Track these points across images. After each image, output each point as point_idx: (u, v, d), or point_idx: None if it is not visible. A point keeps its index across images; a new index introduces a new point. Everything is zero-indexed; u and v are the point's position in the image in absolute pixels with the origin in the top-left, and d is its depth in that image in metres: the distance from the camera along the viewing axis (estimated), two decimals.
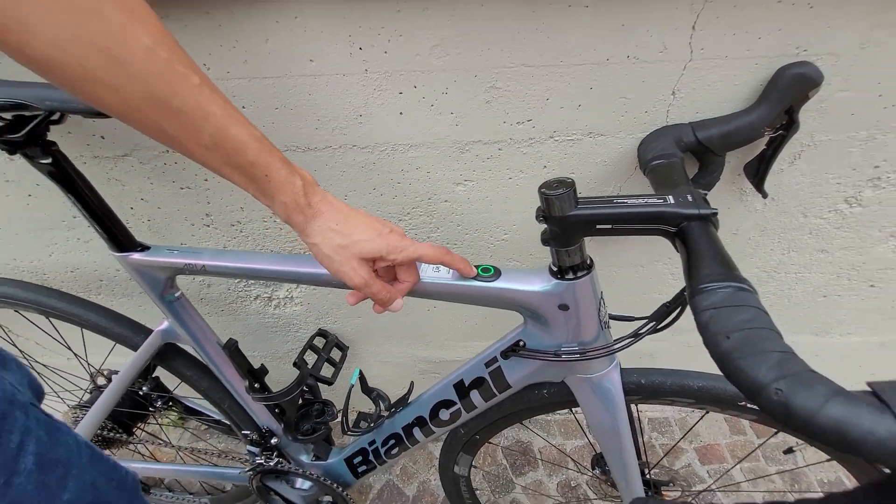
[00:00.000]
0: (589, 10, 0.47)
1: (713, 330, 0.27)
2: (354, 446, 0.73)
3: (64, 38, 0.26)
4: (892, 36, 0.49)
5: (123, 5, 0.27)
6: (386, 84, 0.53)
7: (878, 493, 0.25)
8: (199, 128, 0.31)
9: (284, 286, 0.80)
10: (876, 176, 0.63)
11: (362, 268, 0.39)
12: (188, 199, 0.65)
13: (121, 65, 0.27)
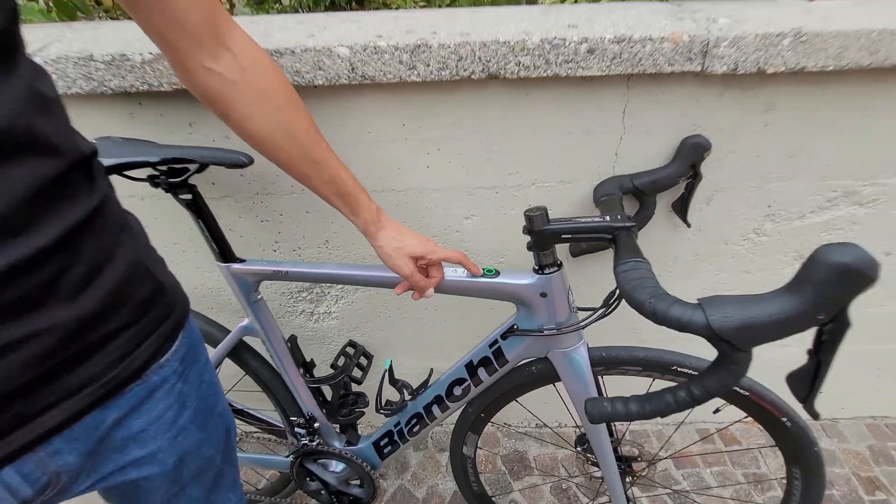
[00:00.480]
0: (555, 99, 0.72)
1: (622, 282, 0.48)
2: (381, 430, 0.89)
3: (266, 124, 0.49)
4: (756, 118, 0.74)
5: (296, 103, 0.50)
6: (419, 147, 0.77)
7: (714, 367, 0.45)
8: (323, 171, 0.53)
9: (325, 302, 1.00)
10: (771, 213, 0.86)
11: (410, 263, 0.60)
12: (264, 230, 0.86)
13: (293, 137, 0.50)
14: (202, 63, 0.45)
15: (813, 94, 0.72)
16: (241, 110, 0.48)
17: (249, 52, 0.47)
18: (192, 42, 0.43)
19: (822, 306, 0.38)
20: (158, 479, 0.48)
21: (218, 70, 0.45)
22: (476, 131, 0.75)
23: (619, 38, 0.64)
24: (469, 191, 0.81)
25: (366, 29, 0.68)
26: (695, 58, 0.65)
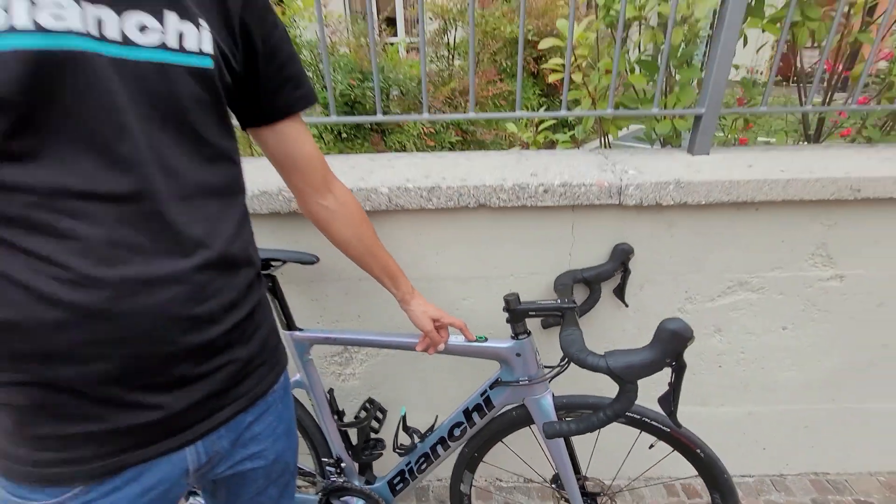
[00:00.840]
0: (524, 220, 1.05)
1: (562, 342, 0.77)
2: (394, 470, 1.10)
3: (349, 236, 0.79)
4: (664, 231, 1.07)
5: (366, 221, 0.81)
6: (430, 249, 1.08)
7: (617, 397, 0.71)
8: (379, 261, 0.83)
9: (351, 365, 1.25)
10: (689, 297, 1.16)
11: (430, 322, 0.88)
12: (313, 307, 1.15)
13: (363, 242, 0.80)
14: (317, 201, 0.76)
15: (698, 217, 1.06)
16: (336, 228, 0.79)
17: (342, 193, 0.78)
18: (313, 190, 0.75)
19: (667, 354, 0.66)
20: (259, 472, 0.72)
21: (325, 204, 0.77)
22: (470, 240, 1.07)
23: (564, 184, 0.99)
24: (464, 280, 1.12)
25: (398, 173, 1.02)
26: (614, 196, 1.00)
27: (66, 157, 0.44)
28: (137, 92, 0.47)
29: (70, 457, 0.53)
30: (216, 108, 0.55)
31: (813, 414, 1.36)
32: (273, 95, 0.63)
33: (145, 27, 0.46)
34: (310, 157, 0.72)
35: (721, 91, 1.04)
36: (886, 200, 1.03)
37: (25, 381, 0.49)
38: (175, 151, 0.50)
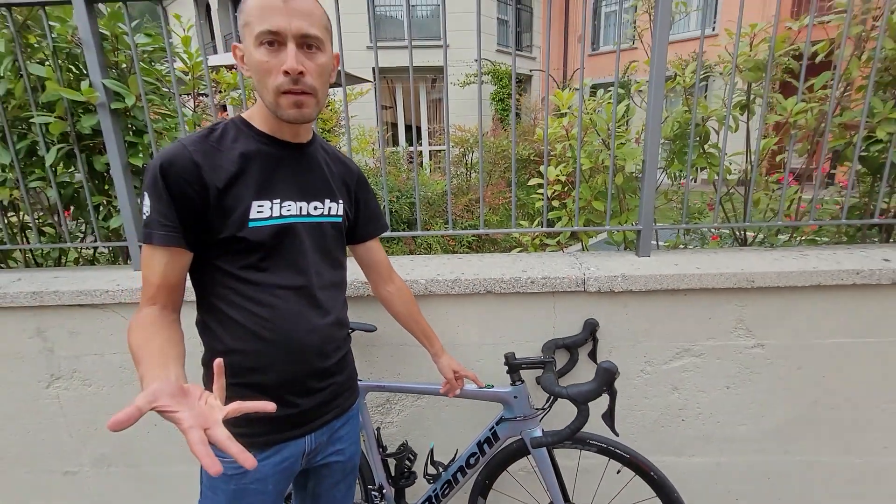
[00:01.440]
0: (520, 302, 1.49)
1: (542, 382, 1.16)
2: (423, 496, 1.42)
3: (403, 310, 1.23)
4: (621, 310, 1.49)
5: (413, 300, 1.27)
6: (454, 324, 1.51)
7: (577, 416, 1.09)
8: (420, 327, 1.24)
9: (391, 414, 1.62)
10: (647, 360, 1.54)
11: (452, 373, 1.28)
12: (367, 365, 1.56)
13: (411, 314, 1.23)
14: (384, 287, 1.22)
15: (643, 300, 1.48)
16: (395, 305, 1.23)
17: (400, 282, 1.24)
18: (382, 280, 1.22)
19: (604, 384, 1.05)
20: (338, 466, 1.10)
21: (389, 290, 1.23)
22: (481, 317, 1.50)
23: (545, 277, 1.44)
24: (478, 346, 1.53)
25: (431, 270, 1.50)
26: (580, 286, 1.44)
27: (279, 270, 0.92)
28: (310, 237, 0.96)
29: (250, 432, 0.94)
30: (340, 240, 1.04)
31: (772, 465, 1.63)
32: (364, 227, 1.13)
33: (317, 207, 0.97)
34: (382, 261, 1.20)
35: (651, 213, 1.52)
36: (779, 288, 1.44)
37: (238, 383, 0.93)
38: (321, 264, 0.99)
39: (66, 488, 1.74)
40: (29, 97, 1.46)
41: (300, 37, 0.82)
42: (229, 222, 0.85)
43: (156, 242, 0.83)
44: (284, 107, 0.85)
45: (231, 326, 0.90)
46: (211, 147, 0.86)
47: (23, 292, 1.49)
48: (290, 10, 0.80)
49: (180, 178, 0.81)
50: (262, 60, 0.82)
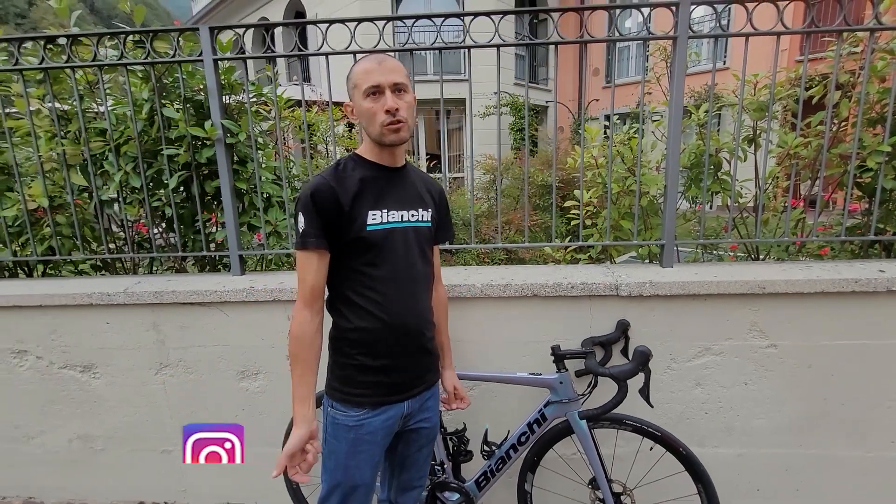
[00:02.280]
0: (562, 304, 1.74)
1: (587, 365, 1.40)
2: (479, 471, 1.64)
3: (439, 315, 1.51)
4: (648, 313, 1.73)
5: (446, 311, 1.53)
6: (504, 321, 1.77)
7: (617, 393, 1.32)
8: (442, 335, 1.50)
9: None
10: (673, 358, 1.76)
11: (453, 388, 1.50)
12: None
13: (440, 321, 1.51)
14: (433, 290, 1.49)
15: (668, 304, 1.71)
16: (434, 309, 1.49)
17: (442, 291, 1.49)
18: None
19: (639, 364, 1.29)
20: (424, 432, 1.35)
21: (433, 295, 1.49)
22: (529, 317, 1.76)
23: (583, 283, 1.70)
24: (524, 343, 1.78)
25: (485, 276, 1.77)
26: (613, 290, 1.69)
27: (388, 264, 1.20)
28: (412, 237, 1.25)
29: (364, 393, 1.20)
30: (430, 239, 1.33)
31: (788, 458, 1.81)
32: (437, 232, 1.41)
33: (413, 214, 1.26)
34: (438, 264, 1.47)
35: (672, 230, 1.78)
36: (788, 294, 1.66)
37: (360, 352, 1.20)
38: (417, 259, 1.27)
39: (161, 466, 2.00)
40: (161, 134, 1.81)
41: (392, 85, 1.14)
42: (355, 227, 1.15)
43: (310, 247, 1.13)
44: (387, 135, 1.16)
45: (356, 309, 1.18)
46: (340, 175, 1.17)
47: (146, 291, 1.81)
48: (384, 70, 1.14)
49: (324, 199, 1.12)
50: (370, 107, 1.14)
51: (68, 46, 1.75)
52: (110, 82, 1.98)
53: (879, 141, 1.68)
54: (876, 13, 1.59)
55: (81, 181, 1.90)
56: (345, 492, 1.21)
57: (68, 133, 1.93)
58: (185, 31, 1.75)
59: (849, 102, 1.74)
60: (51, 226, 1.92)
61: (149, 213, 1.89)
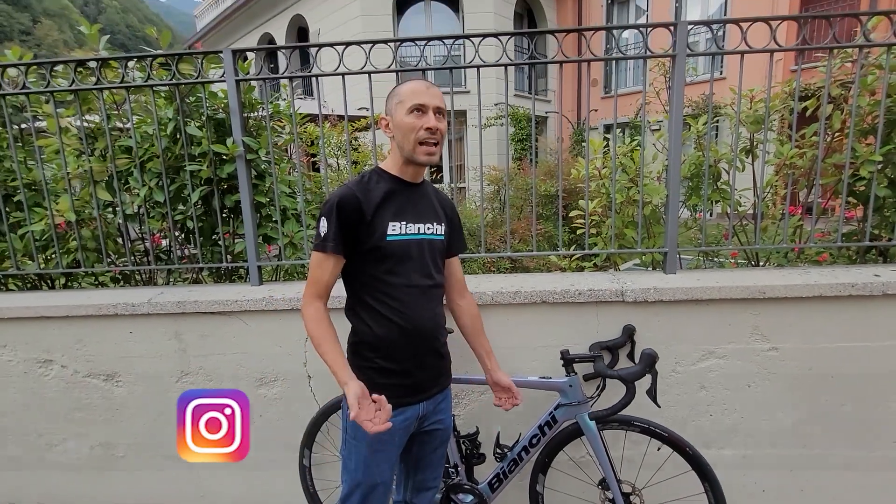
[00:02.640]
0: (570, 310, 1.80)
1: (596, 368, 1.47)
2: (491, 473, 1.69)
3: (468, 321, 1.58)
4: (652, 318, 1.79)
5: (479, 317, 1.60)
6: (514, 327, 1.83)
7: (625, 394, 1.38)
8: (482, 342, 1.58)
9: (457, 409, 1.91)
10: (677, 361, 1.82)
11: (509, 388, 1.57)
12: None
13: (475, 327, 1.58)
14: (456, 300, 1.56)
15: (672, 309, 1.78)
16: (462, 317, 1.55)
17: (470, 298, 1.58)
18: (456, 294, 1.55)
19: (647, 366, 1.36)
20: (440, 433, 1.41)
21: (459, 303, 1.56)
22: (538, 322, 1.82)
23: (590, 289, 1.76)
24: (534, 348, 1.84)
25: (496, 284, 1.84)
26: (619, 296, 1.76)
27: (406, 273, 1.28)
28: (427, 249, 1.32)
29: (383, 395, 1.26)
30: (443, 252, 1.40)
31: (793, 459, 1.86)
32: (451, 245, 1.48)
33: (429, 227, 1.34)
34: (459, 277, 1.54)
35: (675, 238, 1.85)
36: (787, 299, 1.73)
37: (379, 355, 1.27)
38: (431, 269, 1.34)
39: (179, 472, 2.05)
40: (185, 151, 1.90)
41: (436, 108, 1.23)
42: (375, 236, 1.23)
43: (328, 251, 1.21)
44: (420, 153, 1.24)
45: (375, 315, 1.25)
46: (364, 187, 1.25)
47: (169, 301, 1.88)
48: (431, 94, 1.25)
49: (349, 208, 1.20)
50: (412, 122, 1.23)
51: (98, 69, 1.84)
52: (135, 102, 2.08)
53: (871, 151, 1.76)
54: (864, 31, 1.68)
55: (107, 196, 1.98)
56: (365, 491, 1.27)
57: (95, 150, 2.02)
58: (210, 53, 1.84)
59: (841, 115, 1.82)
60: (77, 239, 2.00)
61: (171, 227, 1.97)
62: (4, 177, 2.06)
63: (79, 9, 74.37)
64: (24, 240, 2.05)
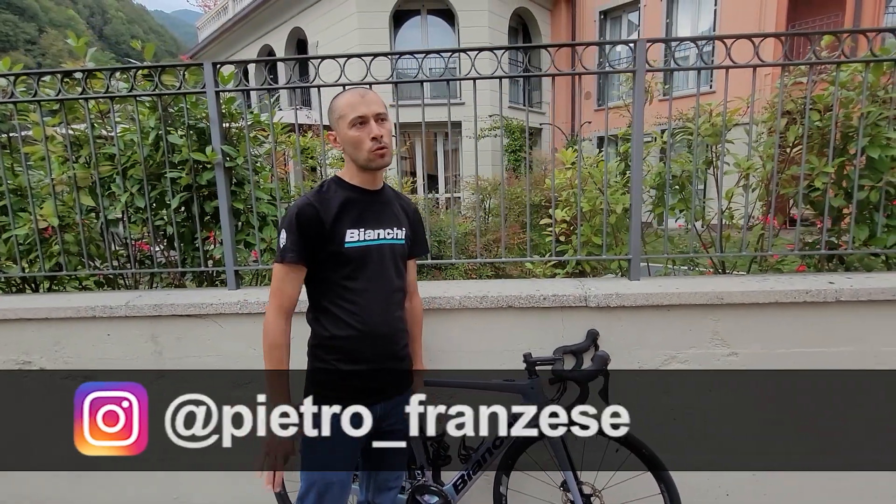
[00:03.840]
0: (537, 315, 1.85)
1: (556, 371, 1.51)
2: (456, 475, 1.73)
3: (412, 324, 1.63)
4: (615, 322, 1.84)
5: (420, 321, 1.65)
6: (481, 332, 1.88)
7: (579, 395, 1.42)
8: (415, 343, 1.63)
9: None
10: (640, 366, 1.86)
11: None
12: None
13: (413, 331, 1.63)
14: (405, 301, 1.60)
15: (634, 314, 1.83)
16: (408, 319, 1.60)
17: (417, 302, 1.61)
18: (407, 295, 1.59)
19: (599, 368, 1.40)
20: (399, 433, 1.45)
21: (407, 305, 1.57)
22: (504, 326, 1.87)
23: (554, 295, 1.82)
24: (500, 352, 1.88)
25: (464, 289, 1.89)
26: (582, 302, 1.81)
27: (365, 278, 1.33)
28: (388, 254, 1.38)
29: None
30: (404, 256, 1.45)
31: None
32: (413, 248, 1.53)
33: (389, 232, 1.40)
34: (414, 278, 1.59)
35: (638, 245, 1.91)
36: (745, 305, 1.78)
37: (337, 358, 1.31)
38: (395, 272, 1.39)
39: (155, 475, 2.08)
40: (166, 159, 1.96)
41: (375, 115, 1.29)
42: (334, 243, 1.28)
43: (288, 262, 1.27)
44: (374, 159, 1.30)
45: (334, 319, 1.30)
46: (323, 197, 1.31)
47: (146, 304, 1.93)
48: (367, 102, 1.30)
49: (307, 219, 1.26)
50: (356, 135, 1.29)
51: (83, 80, 1.92)
52: (120, 111, 2.15)
53: (825, 163, 1.83)
54: (814, 49, 1.76)
55: (90, 202, 2.05)
56: (320, 489, 1.31)
57: (79, 158, 2.08)
58: (191, 66, 1.92)
59: (796, 129, 1.89)
60: (59, 244, 2.06)
61: (151, 232, 2.03)
62: None
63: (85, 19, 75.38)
64: (9, 244, 2.10)
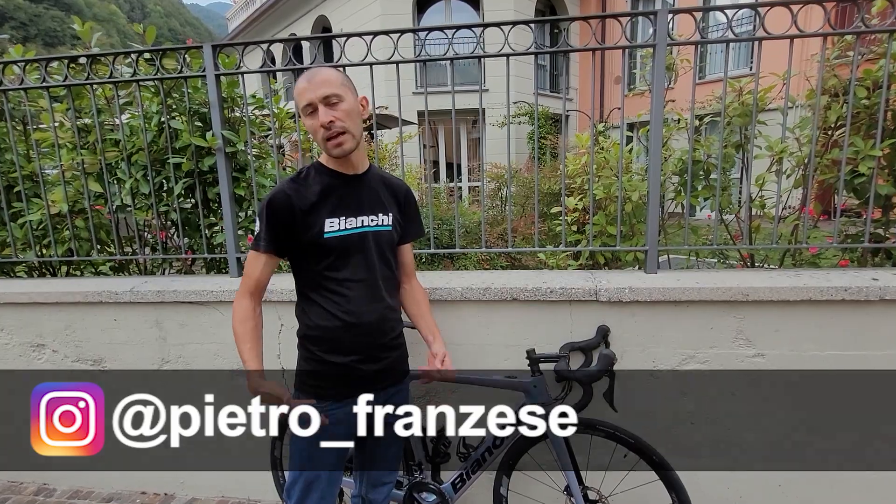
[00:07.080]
0: (541, 308, 1.75)
1: (556, 368, 1.42)
2: (455, 474, 1.66)
3: (412, 305, 1.55)
4: (628, 318, 1.72)
5: (425, 299, 1.57)
6: (484, 323, 1.80)
7: (583, 396, 1.32)
8: (426, 322, 1.56)
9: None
10: (655, 365, 1.74)
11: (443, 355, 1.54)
12: None
13: (420, 311, 1.55)
14: (403, 286, 1.52)
15: (650, 310, 1.70)
16: (405, 301, 1.50)
17: (415, 282, 1.53)
18: (405, 277, 1.50)
19: (604, 368, 1.30)
20: (392, 428, 1.39)
21: (405, 287, 1.51)
22: (508, 321, 1.78)
23: (562, 287, 1.71)
24: (505, 346, 1.80)
25: (466, 281, 1.81)
26: (592, 296, 1.69)
27: (348, 267, 1.26)
28: (374, 241, 1.30)
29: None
30: (391, 243, 1.37)
31: (781, 473, 1.75)
32: (406, 231, 1.45)
33: (374, 219, 1.32)
34: (408, 262, 1.50)
35: (655, 236, 1.77)
36: (774, 302, 1.63)
37: (322, 349, 1.26)
38: (380, 261, 1.32)
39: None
40: (168, 144, 1.95)
41: (323, 99, 1.18)
42: (312, 233, 1.22)
43: (260, 249, 1.22)
44: (330, 148, 1.22)
45: (318, 310, 1.25)
46: (299, 185, 1.25)
47: (150, 291, 1.93)
48: (314, 86, 1.18)
49: (279, 207, 1.20)
50: (311, 124, 1.21)
51: (88, 65, 1.91)
52: (127, 97, 2.15)
53: (871, 145, 1.63)
54: (862, 16, 1.56)
55: (98, 188, 2.06)
56: (308, 479, 1.27)
57: (87, 144, 2.10)
58: (191, 48, 1.89)
59: (838, 107, 1.70)
60: (70, 229, 2.08)
61: (157, 217, 2.03)
62: (8, 168, 2.16)
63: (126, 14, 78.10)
64: (24, 229, 2.14)
